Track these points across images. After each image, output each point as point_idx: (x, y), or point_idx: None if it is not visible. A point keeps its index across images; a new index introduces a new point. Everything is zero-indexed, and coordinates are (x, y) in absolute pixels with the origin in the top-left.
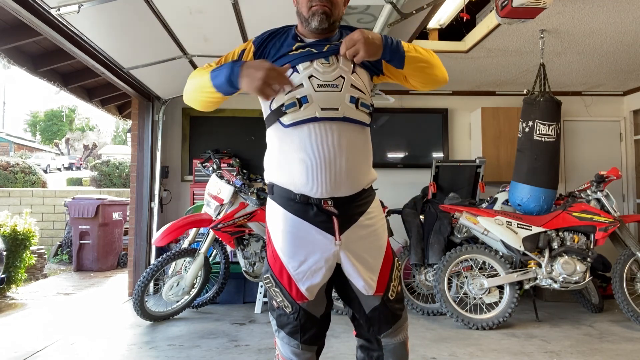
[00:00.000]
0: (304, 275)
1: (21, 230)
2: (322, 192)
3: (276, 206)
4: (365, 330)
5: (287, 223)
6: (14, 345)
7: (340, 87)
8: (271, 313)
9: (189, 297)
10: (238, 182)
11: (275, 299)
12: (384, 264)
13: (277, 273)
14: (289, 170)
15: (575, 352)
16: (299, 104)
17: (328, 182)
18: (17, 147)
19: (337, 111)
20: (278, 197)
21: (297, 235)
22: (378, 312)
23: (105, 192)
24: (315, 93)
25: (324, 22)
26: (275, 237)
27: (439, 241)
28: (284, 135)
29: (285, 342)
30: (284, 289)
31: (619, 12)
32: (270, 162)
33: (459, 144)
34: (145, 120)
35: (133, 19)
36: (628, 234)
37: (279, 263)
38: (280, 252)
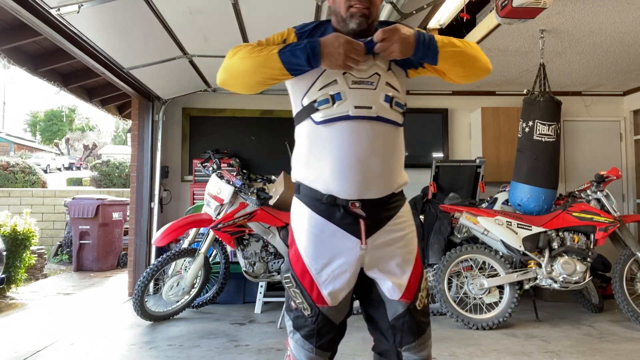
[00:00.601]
0: (326, 279)
1: (21, 230)
2: (350, 193)
3: (302, 205)
4: (386, 342)
5: (311, 224)
6: (14, 345)
7: (375, 84)
8: (287, 313)
9: (189, 297)
10: (238, 182)
11: (294, 300)
12: (414, 272)
13: (299, 274)
14: (318, 169)
15: (575, 352)
16: (332, 100)
17: (358, 182)
18: (17, 147)
19: (371, 110)
20: (304, 197)
21: (321, 237)
22: (402, 320)
23: (105, 192)
24: (350, 90)
25: (363, 24)
26: (299, 238)
27: (439, 241)
28: (315, 133)
29: (300, 344)
30: (304, 290)
31: (619, 12)
32: (298, 160)
33: (459, 144)
34: (145, 120)
35: (133, 19)
36: (628, 234)
37: (301, 264)
38: (304, 253)
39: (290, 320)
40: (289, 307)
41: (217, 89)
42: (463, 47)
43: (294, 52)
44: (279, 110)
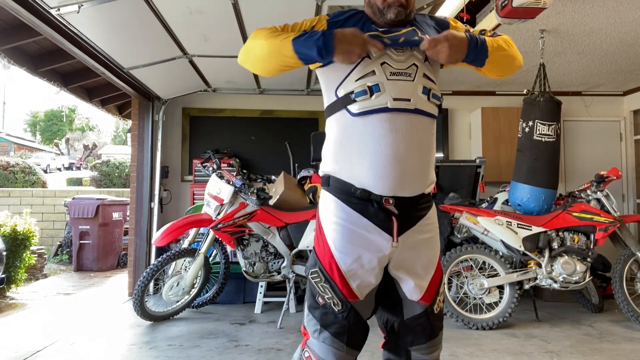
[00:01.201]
0: (355, 273)
1: (21, 230)
2: (386, 190)
3: (332, 198)
4: (398, 340)
5: (344, 217)
6: (14, 345)
7: (413, 76)
8: (311, 311)
9: (189, 297)
10: (238, 182)
11: (323, 296)
12: (435, 275)
13: (328, 268)
14: (353, 162)
15: (575, 352)
16: (369, 92)
17: (395, 179)
18: (17, 147)
19: (409, 102)
20: (335, 190)
21: (354, 230)
22: (418, 322)
23: (105, 192)
24: (388, 81)
25: (400, 14)
26: (328, 230)
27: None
28: (350, 125)
29: (328, 343)
30: (335, 285)
31: (619, 12)
32: (329, 152)
33: (459, 144)
34: (145, 120)
35: (133, 19)
36: (628, 234)
37: (329, 257)
38: (334, 246)
39: (314, 318)
40: (314, 304)
41: (217, 89)
42: (508, 49)
43: (307, 43)
44: (279, 110)
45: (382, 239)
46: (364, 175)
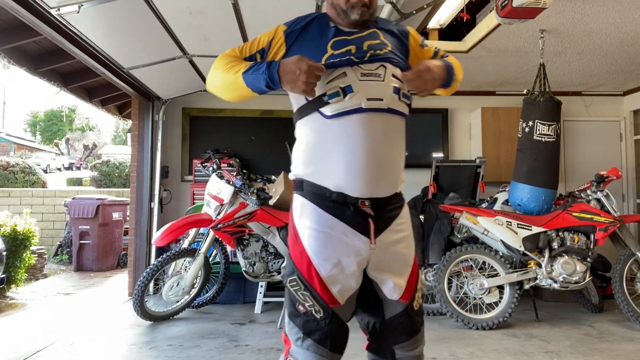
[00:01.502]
0: (336, 278)
1: (21, 230)
2: (362, 191)
3: (307, 203)
4: (381, 340)
5: (321, 222)
6: (14, 345)
7: (382, 76)
8: (293, 320)
9: (189, 297)
10: (238, 182)
11: (304, 304)
12: (412, 273)
13: (306, 275)
14: (328, 165)
15: (575, 352)
16: (343, 93)
17: (371, 180)
18: (17, 147)
19: (382, 102)
20: (309, 194)
21: (332, 235)
22: (399, 320)
23: (105, 192)
24: (359, 82)
25: (365, 15)
26: (305, 237)
27: (439, 241)
28: (324, 127)
29: (312, 350)
30: (315, 292)
31: (619, 12)
32: (302, 155)
33: (459, 144)
34: (145, 120)
35: (133, 19)
36: (628, 234)
37: (307, 264)
38: (312, 252)
39: (296, 326)
40: (295, 312)
41: None
42: (460, 74)
43: (255, 77)
44: (279, 110)
45: (360, 242)
46: (340, 177)
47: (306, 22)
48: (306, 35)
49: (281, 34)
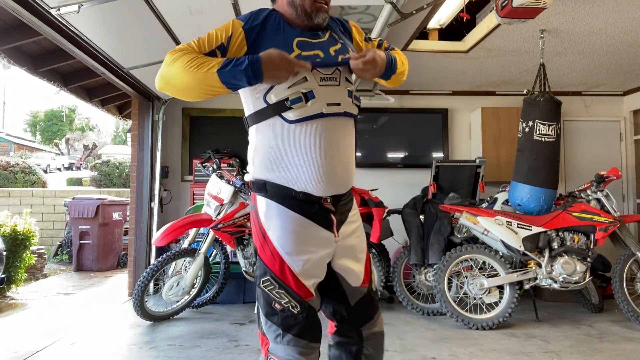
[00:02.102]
0: (308, 272)
1: (21, 230)
2: (326, 191)
3: (273, 204)
4: (348, 324)
5: (289, 221)
6: (14, 345)
7: (338, 80)
8: (270, 319)
9: (189, 297)
10: (238, 182)
11: (279, 301)
12: (366, 259)
13: (279, 273)
14: (291, 169)
15: (575, 352)
16: (305, 98)
17: (333, 180)
18: (17, 147)
19: (340, 106)
20: (275, 196)
21: (302, 232)
22: (364, 304)
23: (105, 192)
24: (319, 87)
25: (326, 20)
26: (274, 237)
27: (439, 241)
28: (286, 132)
29: (292, 344)
30: (289, 288)
31: (619, 12)
32: (263, 159)
33: (459, 144)
34: (145, 120)
35: (133, 19)
36: (628, 234)
37: (279, 263)
38: (282, 250)
39: (274, 324)
40: (271, 311)
41: None
42: (405, 67)
43: (235, 73)
44: None
45: (326, 236)
46: (304, 179)
47: (262, 20)
48: (265, 32)
49: (239, 29)
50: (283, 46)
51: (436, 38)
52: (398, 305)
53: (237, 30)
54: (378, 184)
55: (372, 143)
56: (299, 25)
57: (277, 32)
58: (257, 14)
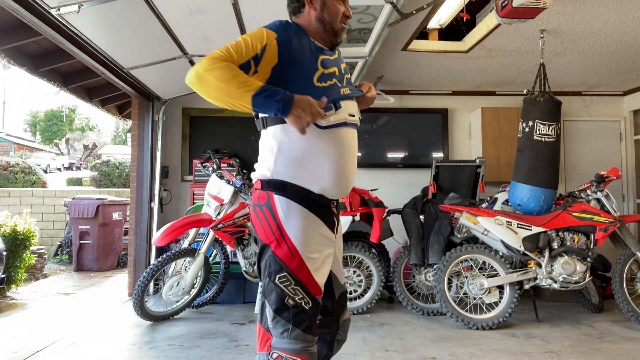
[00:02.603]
0: (321, 270)
1: (21, 230)
2: (338, 194)
3: (293, 204)
4: (332, 315)
5: (309, 221)
6: (14, 345)
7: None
8: (280, 314)
9: (189, 297)
10: (238, 182)
11: (293, 297)
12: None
13: (296, 270)
14: (315, 171)
15: (575, 352)
16: (334, 107)
17: (346, 185)
18: (17, 147)
19: (354, 118)
20: (294, 196)
21: (318, 232)
22: (343, 296)
23: (105, 192)
24: (343, 100)
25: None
26: (294, 235)
27: (439, 241)
28: (315, 136)
29: (300, 339)
30: (304, 285)
31: (619, 12)
32: (288, 159)
33: (459, 144)
34: (145, 120)
35: (133, 19)
36: (628, 234)
37: (297, 260)
38: (303, 249)
39: (283, 319)
40: (282, 307)
41: None
42: None
43: (267, 103)
44: None
45: (330, 237)
46: (326, 183)
47: (292, 33)
48: (294, 47)
49: (273, 41)
50: (310, 64)
51: (436, 38)
52: (398, 305)
53: (271, 41)
54: (378, 184)
55: (372, 143)
56: (322, 40)
57: (304, 49)
58: (287, 27)
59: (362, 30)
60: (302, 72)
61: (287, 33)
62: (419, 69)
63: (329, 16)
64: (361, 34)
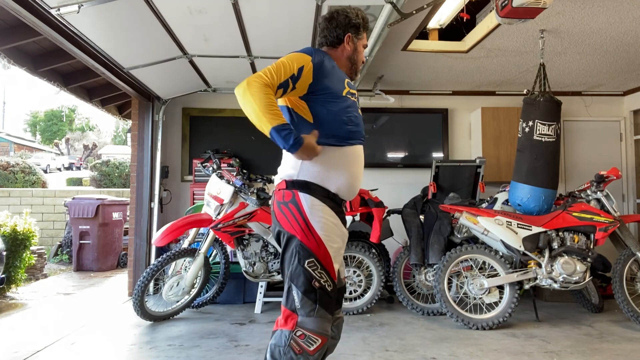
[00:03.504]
0: (337, 259)
1: (21, 230)
2: (349, 197)
3: (317, 201)
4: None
5: (330, 215)
6: (14, 345)
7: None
8: (307, 295)
9: (189, 297)
10: (238, 182)
11: (319, 280)
12: None
13: (322, 258)
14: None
15: (575, 352)
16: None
17: (355, 190)
18: (17, 147)
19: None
20: (318, 194)
21: (337, 225)
22: (341, 292)
23: (105, 192)
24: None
25: None
26: (319, 227)
27: (439, 241)
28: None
29: (323, 316)
30: (327, 270)
31: (619, 12)
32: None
33: (459, 144)
34: (145, 120)
35: (133, 19)
36: (628, 234)
37: (323, 249)
38: (326, 239)
39: (310, 300)
40: (310, 289)
41: (217, 89)
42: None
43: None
44: None
45: (344, 231)
46: (342, 186)
47: (323, 58)
48: (326, 67)
49: (309, 62)
50: (339, 82)
51: (436, 38)
52: (398, 305)
53: (307, 62)
54: (378, 184)
55: (372, 143)
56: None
57: (334, 72)
58: (319, 52)
59: None
60: (334, 87)
61: (320, 56)
62: (419, 69)
63: (357, 58)
64: None
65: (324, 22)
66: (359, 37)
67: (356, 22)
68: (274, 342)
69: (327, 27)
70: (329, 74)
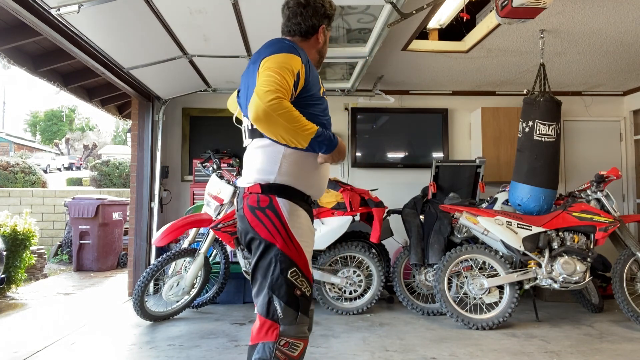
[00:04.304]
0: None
1: (21, 230)
2: (320, 196)
3: (296, 206)
4: None
5: (306, 218)
6: (14, 345)
7: None
8: (290, 305)
9: (189, 297)
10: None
11: (300, 288)
12: None
13: (302, 265)
14: (310, 177)
15: (575, 352)
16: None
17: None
18: (17, 147)
19: None
20: (295, 198)
21: (310, 228)
22: None
23: (105, 192)
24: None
25: None
26: (298, 232)
27: (439, 241)
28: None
29: (302, 322)
30: (307, 277)
31: (619, 12)
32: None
33: (459, 144)
34: (145, 120)
35: (133, 19)
36: (628, 234)
37: (303, 255)
38: (304, 244)
39: (291, 309)
40: (292, 298)
41: (217, 89)
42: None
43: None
44: None
45: (313, 230)
46: (314, 188)
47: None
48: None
49: (301, 64)
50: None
51: (436, 38)
52: (398, 305)
53: (301, 66)
54: (378, 184)
55: (372, 143)
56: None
57: (313, 70)
58: (301, 50)
59: (362, 30)
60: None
61: (304, 55)
62: (419, 69)
63: (324, 52)
64: (361, 34)
65: (297, 6)
66: (329, 30)
67: (330, 13)
68: (259, 357)
69: (301, 14)
70: (311, 73)
